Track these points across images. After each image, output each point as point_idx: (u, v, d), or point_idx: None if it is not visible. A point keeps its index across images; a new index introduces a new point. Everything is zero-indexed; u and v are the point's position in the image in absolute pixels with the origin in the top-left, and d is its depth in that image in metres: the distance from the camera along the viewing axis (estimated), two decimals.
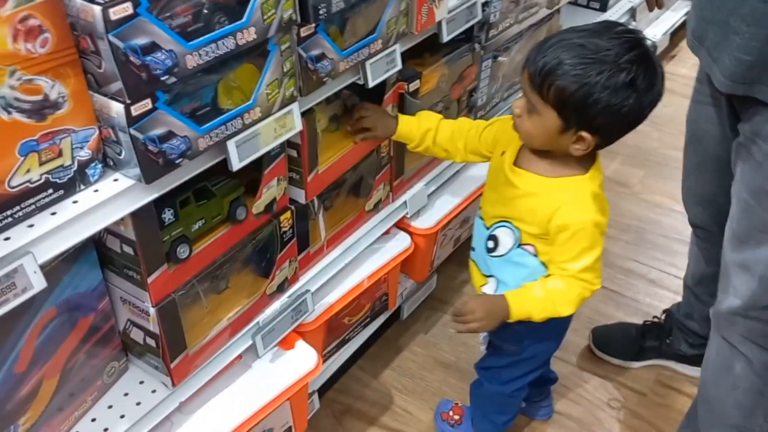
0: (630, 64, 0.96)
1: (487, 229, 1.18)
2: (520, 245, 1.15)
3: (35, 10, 0.70)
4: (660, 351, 1.70)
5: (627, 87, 0.96)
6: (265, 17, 0.88)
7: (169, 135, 0.83)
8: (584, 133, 1.01)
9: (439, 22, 1.26)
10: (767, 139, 1.03)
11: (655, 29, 2.78)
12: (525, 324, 1.20)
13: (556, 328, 1.27)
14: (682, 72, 3.02)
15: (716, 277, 1.41)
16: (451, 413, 1.57)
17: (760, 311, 1.11)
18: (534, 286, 1.12)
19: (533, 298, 1.12)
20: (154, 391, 1.07)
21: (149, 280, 0.94)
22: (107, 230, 0.92)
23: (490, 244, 1.18)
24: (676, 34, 3.11)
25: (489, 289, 1.23)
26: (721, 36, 1.05)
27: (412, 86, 1.32)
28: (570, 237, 1.07)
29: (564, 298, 1.12)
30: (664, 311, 1.72)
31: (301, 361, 1.24)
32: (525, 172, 1.11)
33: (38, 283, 0.75)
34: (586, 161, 1.09)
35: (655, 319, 1.74)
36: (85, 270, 0.94)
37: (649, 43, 1.01)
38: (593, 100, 0.96)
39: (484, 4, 1.39)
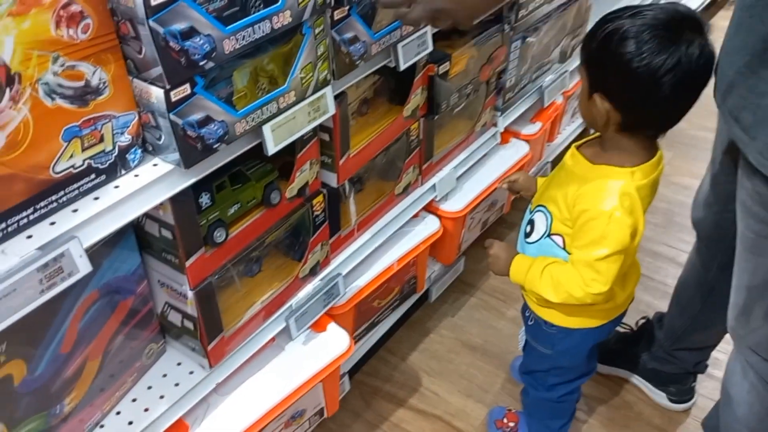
0: (651, 20, 0.92)
1: (530, 213, 1.18)
2: (549, 235, 1.12)
3: None
4: (624, 358, 1.64)
5: (633, 38, 0.92)
6: (300, 0, 0.88)
7: (207, 120, 0.84)
8: (597, 96, 0.98)
9: None
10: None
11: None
12: (556, 327, 1.21)
13: (586, 335, 1.22)
14: None
15: (696, 290, 1.39)
16: (505, 420, 1.53)
17: (747, 325, 1.08)
18: (542, 260, 1.11)
19: (530, 268, 1.10)
20: (191, 373, 1.08)
21: (187, 263, 0.96)
22: (146, 214, 0.93)
23: (528, 228, 1.17)
24: (705, 12, 3.06)
25: None
26: (755, 118, 0.95)
27: (442, 68, 1.31)
28: (585, 223, 1.03)
29: (552, 281, 1.08)
30: (641, 318, 1.66)
31: (333, 344, 1.25)
32: (578, 154, 1.09)
33: (84, 267, 0.76)
34: (634, 155, 1.03)
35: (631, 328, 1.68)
36: (125, 254, 0.95)
37: (696, 16, 0.95)
38: (603, 47, 0.95)
39: None
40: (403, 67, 1.14)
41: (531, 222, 1.16)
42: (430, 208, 1.53)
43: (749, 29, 0.88)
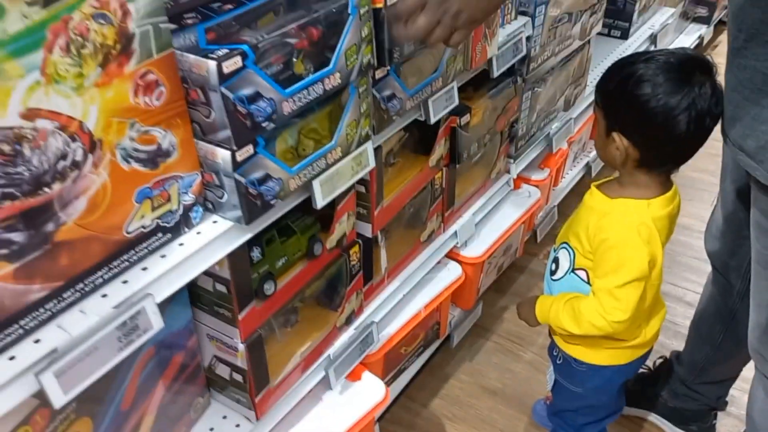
0: (663, 56, 1.00)
1: (554, 251, 1.22)
2: (573, 270, 1.17)
3: (153, 66, 0.75)
4: (644, 398, 1.67)
5: (649, 80, 0.99)
6: (348, 63, 0.94)
7: (266, 177, 0.88)
8: (615, 134, 1.05)
9: (491, 59, 1.32)
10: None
11: None
12: (585, 365, 1.24)
13: (616, 372, 1.25)
14: None
15: (716, 319, 1.42)
16: None
17: (767, 350, 1.12)
18: (563, 295, 1.16)
19: (552, 304, 1.16)
20: (237, 426, 1.09)
21: (240, 316, 0.98)
22: None
23: (553, 266, 1.22)
24: None
25: None
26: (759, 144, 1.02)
27: (464, 120, 1.37)
28: (604, 252, 1.08)
29: (574, 312, 1.11)
30: (659, 357, 1.69)
31: (369, 393, 1.27)
32: (596, 191, 1.15)
33: (157, 323, 0.78)
34: (649, 188, 1.10)
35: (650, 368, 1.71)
36: (178, 309, 0.97)
37: (705, 59, 1.04)
38: (620, 90, 1.02)
39: (527, 39, 1.45)
40: (433, 120, 1.20)
41: (556, 260, 1.21)
42: (451, 255, 1.57)
43: (742, 69, 0.95)
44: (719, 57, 1.07)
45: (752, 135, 0.95)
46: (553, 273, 1.22)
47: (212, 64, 0.76)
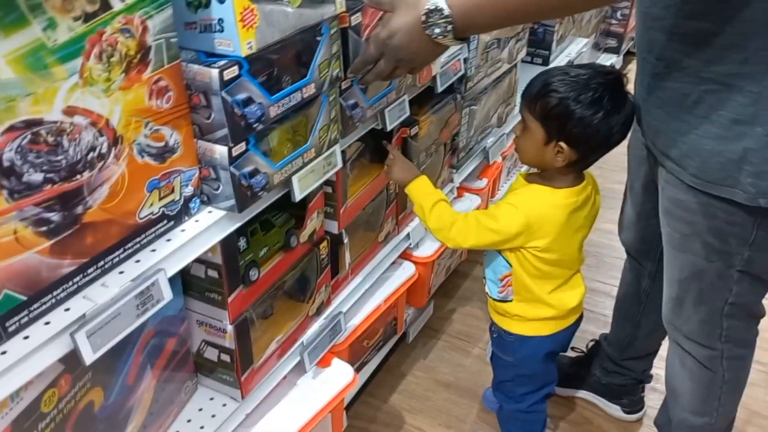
0: (599, 86, 1.17)
1: None
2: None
3: (164, 74, 0.88)
4: (580, 379, 1.85)
5: (595, 103, 1.17)
6: (321, 75, 1.09)
7: (255, 171, 1.02)
8: (563, 144, 1.20)
9: (435, 76, 1.51)
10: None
11: None
12: (513, 336, 1.42)
13: (540, 343, 1.42)
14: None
15: (633, 300, 1.63)
16: None
17: (681, 316, 1.32)
18: (441, 194, 1.34)
19: (432, 190, 1.32)
20: (224, 405, 1.20)
21: (229, 299, 1.10)
22: (194, 259, 1.07)
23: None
24: None
25: (488, 288, 1.44)
26: (637, 98, 1.23)
27: (413, 131, 1.55)
28: (500, 202, 1.29)
29: (440, 210, 1.29)
30: (591, 340, 1.90)
31: (339, 376, 1.40)
32: (520, 176, 1.34)
33: (167, 294, 0.90)
34: (564, 182, 1.27)
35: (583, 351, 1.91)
36: (173, 296, 1.08)
37: (620, 75, 1.23)
38: (568, 111, 1.17)
39: (464, 60, 1.65)
40: (389, 128, 1.36)
41: None
42: (405, 255, 1.73)
43: (663, 89, 1.14)
44: (631, 84, 1.27)
45: (675, 146, 1.14)
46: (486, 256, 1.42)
47: (215, 72, 0.90)
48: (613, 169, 3.04)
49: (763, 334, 2.09)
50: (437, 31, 1.01)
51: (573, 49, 2.80)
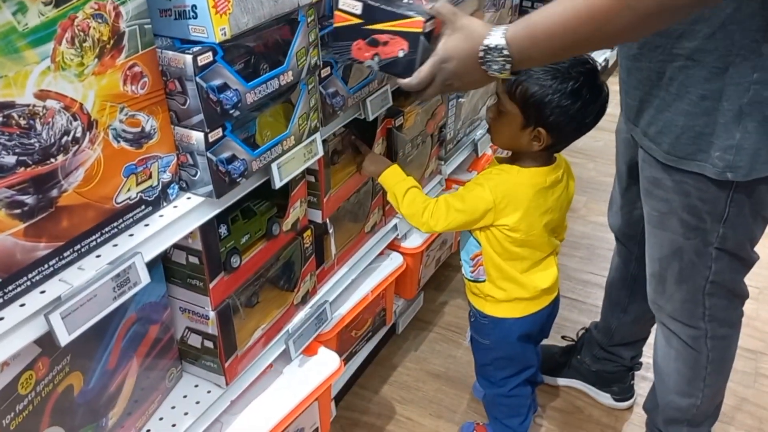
0: (578, 75, 1.20)
1: None
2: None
3: (138, 60, 0.89)
4: (570, 367, 1.86)
5: (575, 93, 1.20)
6: (299, 63, 1.11)
7: (233, 158, 1.03)
8: (541, 129, 1.23)
9: None
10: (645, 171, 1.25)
11: None
12: (487, 318, 1.45)
13: (513, 324, 1.44)
14: (608, 110, 3.43)
15: (622, 285, 1.64)
16: None
17: (664, 294, 1.33)
18: (412, 180, 1.38)
19: (403, 178, 1.37)
20: (209, 392, 1.21)
21: (211, 285, 1.11)
22: (174, 245, 1.08)
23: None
24: None
25: (463, 268, 1.46)
26: (619, 82, 1.29)
27: (398, 121, 1.56)
28: (468, 183, 1.32)
29: (413, 197, 1.34)
30: (581, 329, 1.91)
31: (325, 364, 1.41)
32: (493, 160, 1.38)
33: (144, 278, 0.91)
34: (536, 162, 1.30)
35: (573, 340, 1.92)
36: (154, 283, 1.08)
37: (596, 64, 1.26)
38: (548, 99, 1.20)
39: None
40: (371, 117, 1.37)
41: None
42: (393, 246, 1.74)
43: (640, 70, 1.17)
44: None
45: (653, 123, 1.16)
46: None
47: (189, 58, 0.91)
48: (606, 163, 3.06)
49: (752, 322, 2.11)
50: (495, 67, 1.00)
51: None
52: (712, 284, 1.26)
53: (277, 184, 1.13)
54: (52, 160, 0.81)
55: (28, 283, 0.82)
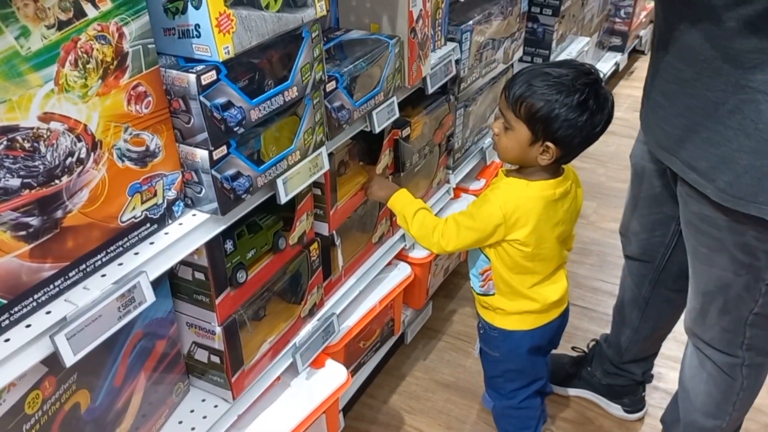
0: (583, 86, 1.18)
1: None
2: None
3: (142, 79, 0.90)
4: (581, 378, 1.85)
5: (581, 105, 1.18)
6: (303, 78, 1.11)
7: (238, 174, 1.03)
8: (549, 144, 1.21)
9: (425, 77, 1.52)
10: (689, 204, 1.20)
11: None
12: (497, 330, 1.43)
13: (523, 337, 1.42)
14: (617, 115, 3.34)
15: (633, 306, 1.61)
16: None
17: (703, 325, 1.31)
18: (420, 202, 1.38)
19: (410, 201, 1.36)
20: (216, 406, 1.21)
21: (217, 301, 1.11)
22: (181, 261, 1.09)
23: None
24: (608, 82, 3.51)
25: (472, 282, 1.44)
26: (650, 105, 1.23)
27: (405, 132, 1.56)
28: (477, 199, 1.31)
29: (423, 219, 1.34)
30: (592, 340, 1.87)
31: (333, 377, 1.40)
32: (501, 172, 1.35)
33: (150, 296, 0.92)
34: (544, 175, 1.27)
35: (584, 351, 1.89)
36: (161, 298, 1.10)
37: (599, 73, 1.24)
38: (555, 114, 1.18)
39: (456, 61, 1.65)
40: (377, 129, 1.37)
41: None
42: (401, 257, 1.73)
43: (691, 97, 1.09)
44: (637, 82, 1.27)
45: (703, 156, 1.10)
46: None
47: (192, 77, 0.91)
48: (617, 168, 3.04)
49: None
50: None
51: (574, 48, 2.79)
52: (756, 316, 1.22)
53: (283, 199, 1.13)
54: (57, 181, 0.82)
55: (34, 304, 0.83)
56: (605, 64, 3.32)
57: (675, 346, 1.84)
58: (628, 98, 3.51)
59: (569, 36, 2.76)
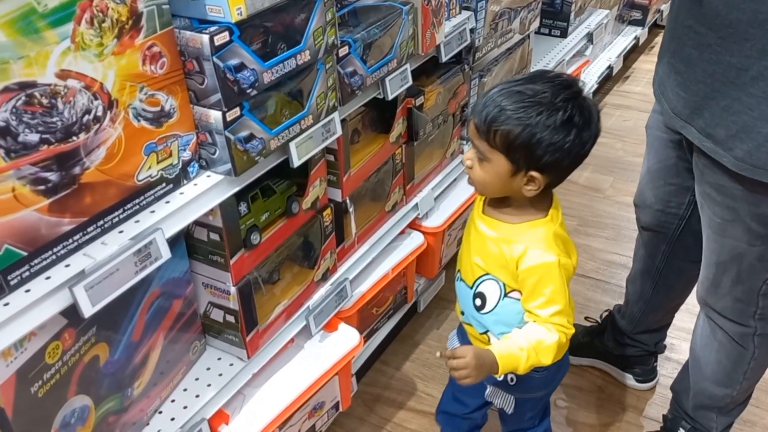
0: (565, 103, 1.01)
1: (471, 288, 1.19)
2: (506, 295, 1.14)
3: (157, 40, 0.91)
4: (593, 348, 1.84)
5: (566, 124, 1.01)
6: (316, 42, 1.12)
7: (251, 137, 1.05)
8: (534, 173, 1.04)
9: (439, 45, 1.52)
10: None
11: (610, 53, 3.11)
12: (545, 369, 1.19)
13: (565, 357, 1.26)
14: (636, 90, 3.37)
15: (646, 277, 1.60)
16: None
17: (715, 295, 1.29)
18: (518, 339, 1.10)
19: (518, 353, 1.08)
20: (231, 365, 1.25)
21: (231, 261, 1.14)
22: (196, 222, 1.11)
23: (478, 302, 1.18)
24: (628, 57, 3.46)
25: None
26: (666, 72, 1.18)
27: (418, 101, 1.56)
28: (538, 281, 1.07)
29: (546, 347, 1.09)
30: (605, 311, 1.86)
31: (345, 340, 1.43)
32: (492, 219, 1.13)
33: (165, 253, 0.94)
34: (543, 203, 1.12)
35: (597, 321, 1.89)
36: (177, 259, 1.13)
37: (581, 84, 1.08)
38: (537, 139, 1.01)
39: (470, 30, 1.65)
40: (390, 96, 1.38)
41: (479, 295, 1.17)
42: (414, 226, 1.75)
43: (713, 63, 1.05)
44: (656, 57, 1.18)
45: (722, 124, 1.06)
46: (480, 308, 1.18)
47: (206, 38, 0.93)
48: (634, 143, 3.02)
49: None
50: None
51: (593, 20, 2.76)
52: None
53: (296, 162, 1.15)
54: (74, 138, 0.84)
55: (53, 257, 0.86)
56: (625, 38, 3.28)
57: (687, 317, 1.84)
58: (648, 73, 3.47)
59: (588, 8, 2.72)
